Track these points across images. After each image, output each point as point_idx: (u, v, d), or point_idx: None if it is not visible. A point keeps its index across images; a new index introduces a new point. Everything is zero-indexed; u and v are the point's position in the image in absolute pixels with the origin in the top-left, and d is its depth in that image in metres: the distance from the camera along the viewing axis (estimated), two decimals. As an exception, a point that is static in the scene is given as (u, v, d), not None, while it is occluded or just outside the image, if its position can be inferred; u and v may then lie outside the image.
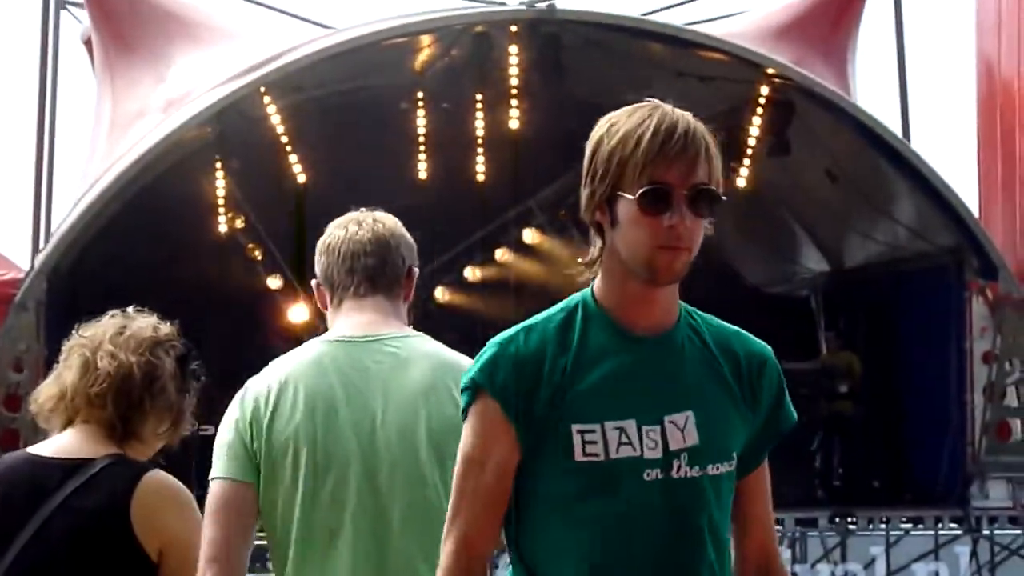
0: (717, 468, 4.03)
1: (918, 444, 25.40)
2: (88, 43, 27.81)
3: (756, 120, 25.27)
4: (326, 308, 6.21)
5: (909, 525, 22.97)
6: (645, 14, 26.00)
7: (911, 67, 27.77)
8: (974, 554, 22.93)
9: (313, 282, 6.19)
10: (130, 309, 5.90)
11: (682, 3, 27.33)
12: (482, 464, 3.95)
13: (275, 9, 27.19)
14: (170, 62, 25.68)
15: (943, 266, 24.53)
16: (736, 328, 4.25)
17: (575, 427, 3.86)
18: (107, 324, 5.76)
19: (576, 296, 4.08)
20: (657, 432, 3.92)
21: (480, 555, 3.99)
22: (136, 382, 5.61)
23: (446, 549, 4.02)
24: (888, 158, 24.33)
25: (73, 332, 5.74)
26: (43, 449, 5.66)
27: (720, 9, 27.88)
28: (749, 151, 25.69)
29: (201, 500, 5.80)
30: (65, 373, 5.68)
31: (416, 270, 6.30)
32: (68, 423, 5.65)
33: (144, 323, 5.79)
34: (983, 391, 24.13)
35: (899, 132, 25.69)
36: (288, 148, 25.17)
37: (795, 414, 4.38)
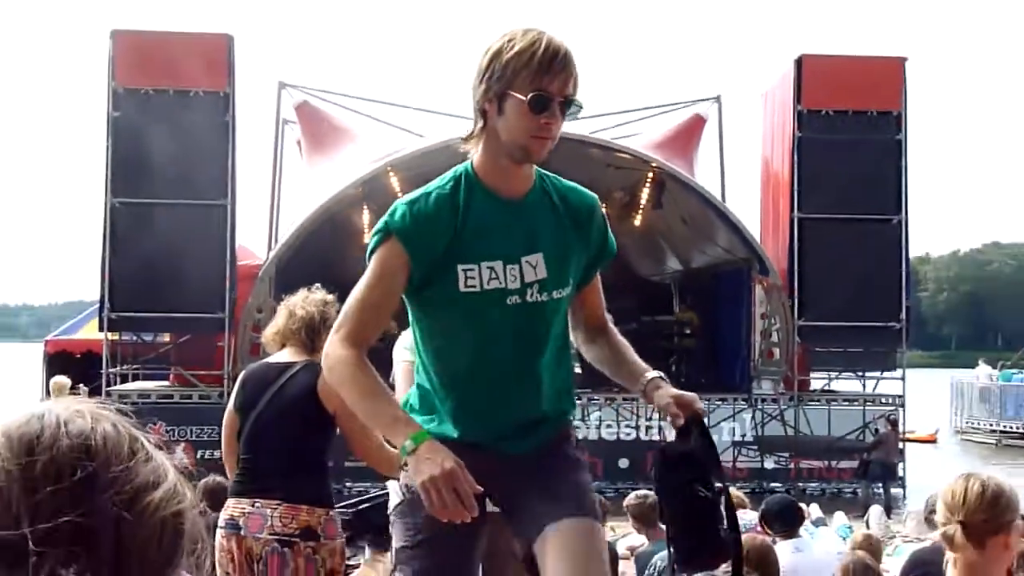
0: (559, 293, 3.46)
1: (727, 361, 24.79)
2: (299, 142, 27.58)
3: (645, 191, 25.15)
4: None
5: (720, 402, 22.72)
6: (592, 131, 24.53)
7: (728, 160, 27.68)
8: (753, 417, 23.16)
9: None
10: (314, 286, 5.75)
11: (609, 127, 26.51)
12: (378, 285, 3.32)
13: (393, 125, 26.26)
14: (339, 152, 25.32)
15: (740, 268, 24.13)
16: (573, 184, 3.74)
17: (460, 267, 3.33)
18: (300, 293, 5.67)
19: (459, 168, 3.47)
20: (517, 269, 3.37)
21: (366, 342, 3.34)
22: (316, 323, 5.49)
23: (338, 336, 3.34)
24: (713, 211, 23.95)
25: (282, 296, 5.73)
26: (270, 359, 5.59)
27: (628, 131, 27.15)
28: (641, 206, 25.68)
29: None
30: (278, 320, 5.65)
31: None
32: (281, 346, 5.57)
33: (319, 294, 5.65)
34: (760, 334, 24.17)
35: (720, 196, 25.37)
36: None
37: (615, 245, 3.80)
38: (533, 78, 3.25)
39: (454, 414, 3.46)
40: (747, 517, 8.52)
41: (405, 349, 5.45)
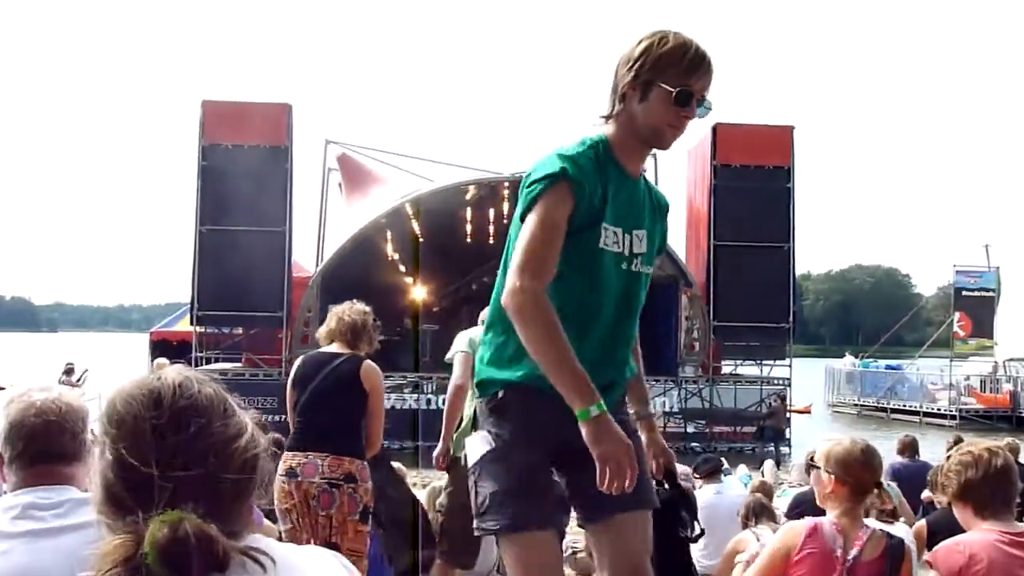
0: (648, 269, 3.04)
1: (660, 352, 23.28)
2: (340, 185, 27.58)
3: None
4: None
5: (655, 382, 22.18)
6: None
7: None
8: (679, 394, 23.11)
9: None
10: (354, 301, 5.68)
11: None
12: (553, 227, 2.71)
13: (410, 172, 25.61)
14: (371, 193, 25.20)
15: (670, 283, 23.19)
16: (656, 187, 3.20)
17: (603, 225, 2.82)
18: (345, 304, 5.60)
19: (592, 137, 2.92)
20: (629, 239, 2.91)
21: (547, 281, 2.69)
22: (357, 327, 5.48)
23: (526, 275, 2.68)
24: None
25: (330, 307, 5.66)
26: (323, 350, 5.53)
27: None
28: None
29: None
30: (329, 322, 5.59)
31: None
32: (330, 342, 5.50)
33: (360, 305, 5.60)
34: (684, 331, 23.87)
35: None
36: (416, 227, 24.90)
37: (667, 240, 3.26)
38: (681, 74, 2.82)
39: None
40: (680, 469, 8.56)
41: (465, 342, 5.68)
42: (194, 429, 1.43)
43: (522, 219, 2.81)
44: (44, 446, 2.31)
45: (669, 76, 2.82)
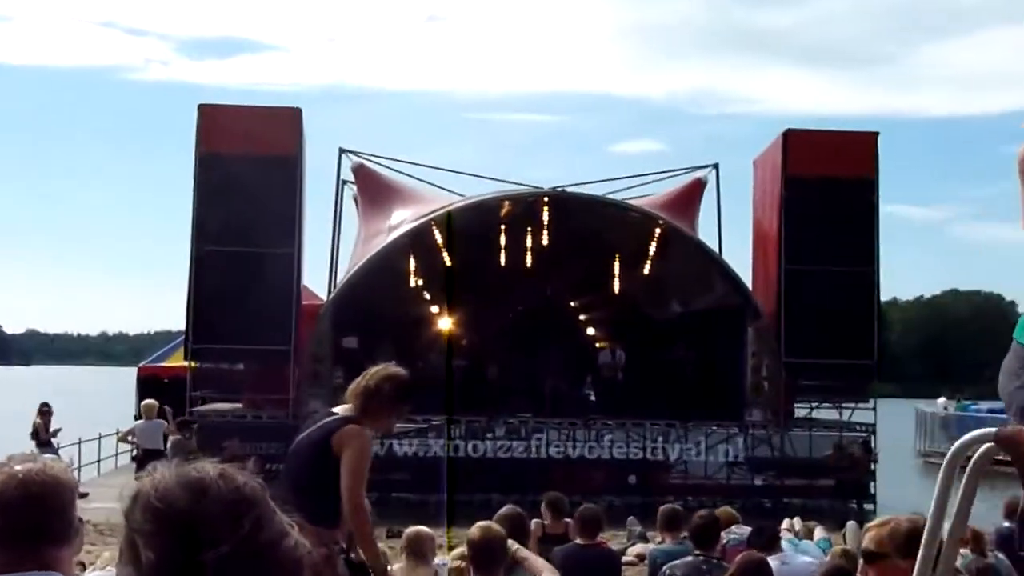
0: None
1: (723, 393, 24.31)
2: (356, 200, 27.78)
3: (653, 244, 25.10)
4: None
5: (717, 427, 22.78)
6: (607, 193, 25.11)
7: (725, 219, 26.78)
8: (745, 441, 22.97)
9: None
10: (391, 364, 5.88)
11: (623, 189, 26.25)
12: None
13: (437, 186, 26.35)
14: (391, 210, 25.32)
15: (735, 312, 23.96)
16: None
17: None
18: (370, 368, 5.79)
19: None
20: None
21: None
22: (371, 391, 5.66)
23: None
24: (712, 263, 24.10)
25: (340, 333, 5.84)
26: (334, 410, 5.84)
27: (638, 192, 26.86)
28: (649, 257, 25.60)
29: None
30: (356, 381, 5.75)
31: None
32: (346, 402, 5.78)
33: (387, 369, 5.78)
34: (751, 369, 24.02)
35: (717, 250, 25.11)
36: (443, 249, 24.82)
37: None
38: None
39: None
40: (740, 531, 8.45)
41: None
42: (248, 524, 1.44)
43: None
44: (27, 525, 2.29)
45: None
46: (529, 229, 25.98)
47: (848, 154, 23.01)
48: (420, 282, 27.35)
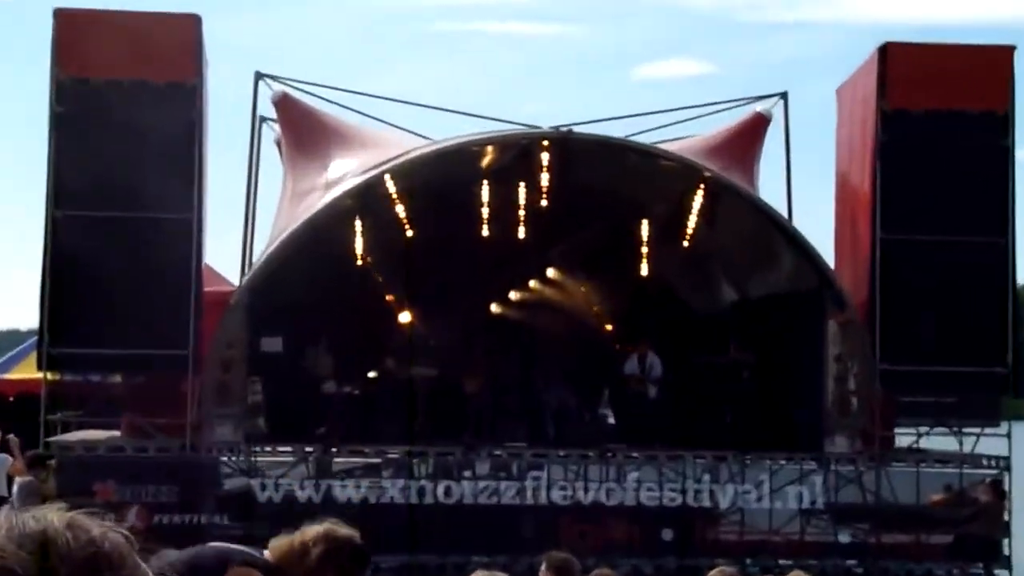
0: None
1: (793, 412, 24.35)
2: (279, 143, 27.98)
3: (694, 205, 25.02)
4: None
5: (785, 462, 22.95)
6: (630, 135, 25.24)
7: (796, 170, 27.33)
8: (825, 481, 22.87)
9: None
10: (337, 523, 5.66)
11: (653, 128, 26.52)
12: None
13: (394, 125, 26.63)
14: (329, 159, 25.30)
15: (810, 300, 23.93)
16: None
17: None
18: (327, 524, 5.54)
19: None
20: None
21: None
22: (296, 553, 5.33)
23: None
24: (777, 230, 24.22)
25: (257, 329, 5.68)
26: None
27: (674, 133, 27.09)
28: (689, 224, 25.58)
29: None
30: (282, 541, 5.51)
31: None
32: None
33: (343, 531, 5.51)
34: (834, 379, 24.03)
35: (785, 213, 25.36)
36: (401, 213, 25.07)
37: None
38: None
39: None
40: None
41: None
42: None
43: None
44: None
45: None
46: (523, 185, 25.90)
47: (972, 78, 22.97)
48: (370, 260, 27.31)
